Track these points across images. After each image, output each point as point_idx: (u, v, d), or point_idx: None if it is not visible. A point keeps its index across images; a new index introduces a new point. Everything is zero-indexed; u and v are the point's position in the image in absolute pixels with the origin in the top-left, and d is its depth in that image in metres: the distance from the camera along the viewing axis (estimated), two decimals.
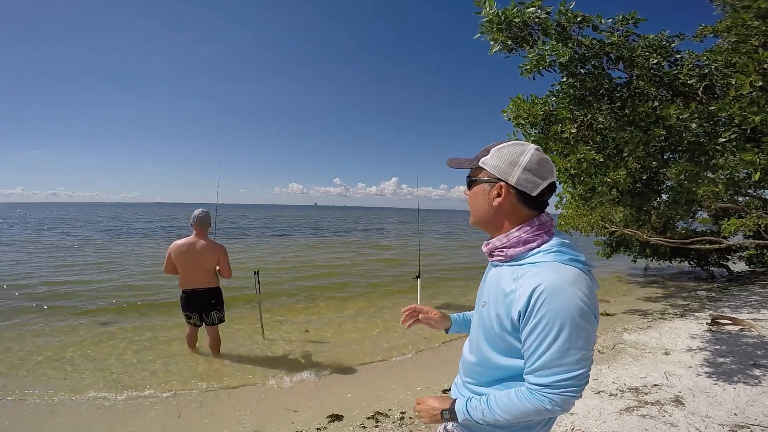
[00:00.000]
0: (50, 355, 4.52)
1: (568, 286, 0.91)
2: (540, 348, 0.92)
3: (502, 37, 3.00)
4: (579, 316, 0.90)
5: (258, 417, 3.23)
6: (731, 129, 2.74)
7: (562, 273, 0.93)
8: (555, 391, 0.92)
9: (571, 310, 0.90)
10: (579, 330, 0.90)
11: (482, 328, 1.08)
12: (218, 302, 4.29)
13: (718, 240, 7.02)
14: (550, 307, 0.90)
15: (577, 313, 0.90)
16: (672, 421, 2.83)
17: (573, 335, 0.90)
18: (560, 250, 0.98)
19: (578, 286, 0.92)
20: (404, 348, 4.93)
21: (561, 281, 0.91)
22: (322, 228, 33.37)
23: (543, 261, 0.97)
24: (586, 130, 3.44)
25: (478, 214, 1.10)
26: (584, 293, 0.92)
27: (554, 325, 0.90)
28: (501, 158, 1.03)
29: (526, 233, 1.01)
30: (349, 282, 9.51)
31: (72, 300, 7.06)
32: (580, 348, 0.91)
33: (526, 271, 0.97)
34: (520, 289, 0.95)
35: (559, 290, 0.90)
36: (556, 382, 0.92)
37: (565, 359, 0.91)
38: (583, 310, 0.90)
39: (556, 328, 0.90)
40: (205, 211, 4.27)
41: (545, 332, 0.91)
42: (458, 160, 1.15)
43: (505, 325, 0.99)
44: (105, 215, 51.51)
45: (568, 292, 0.90)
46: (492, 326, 1.03)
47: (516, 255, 1.02)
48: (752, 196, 5.44)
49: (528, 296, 0.92)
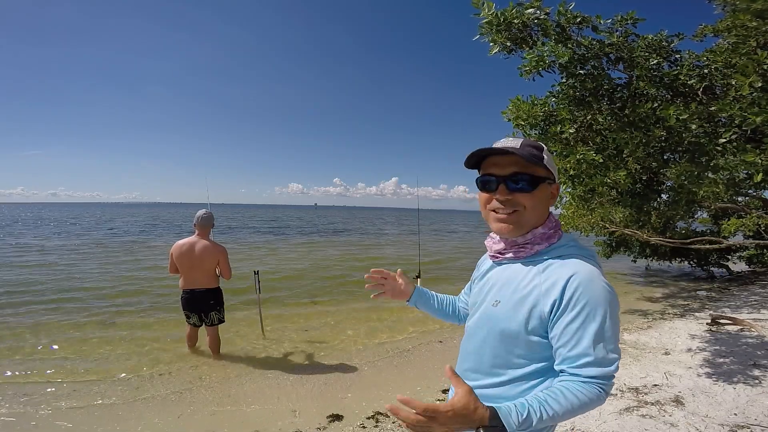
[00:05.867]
0: (50, 354, 4.53)
1: (598, 277, 0.93)
2: (579, 333, 0.89)
3: (502, 38, 2.99)
4: (613, 306, 0.92)
5: (258, 417, 3.23)
6: (731, 130, 2.73)
7: (588, 266, 0.95)
8: (608, 381, 0.91)
9: (609, 297, 0.91)
10: (616, 318, 0.92)
11: (495, 328, 1.02)
12: (218, 303, 4.30)
13: (718, 240, 7.02)
14: (590, 295, 0.90)
15: (612, 302, 0.92)
16: (672, 421, 2.84)
17: (614, 324, 0.91)
18: (577, 245, 1.02)
19: (604, 279, 0.94)
20: (404, 348, 4.93)
21: (592, 272, 0.93)
22: (321, 228, 33.36)
23: (566, 255, 0.99)
24: (585, 130, 3.44)
25: (537, 216, 1.01)
26: (610, 285, 0.94)
27: (594, 310, 0.89)
28: (549, 157, 1.03)
29: (549, 229, 1.03)
30: (348, 282, 9.51)
31: (72, 300, 7.07)
32: (616, 330, 0.93)
33: (552, 264, 0.98)
34: (548, 281, 0.94)
35: (593, 280, 0.92)
36: (612, 371, 0.90)
37: (611, 348, 0.90)
38: (614, 301, 0.93)
39: (596, 313, 0.89)
40: (208, 212, 4.30)
41: (585, 318, 0.89)
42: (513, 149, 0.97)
43: (532, 322, 0.94)
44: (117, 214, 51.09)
45: (601, 282, 0.92)
46: (509, 326, 0.98)
47: (538, 251, 1.02)
48: (752, 196, 5.44)
49: (563, 286, 0.91)
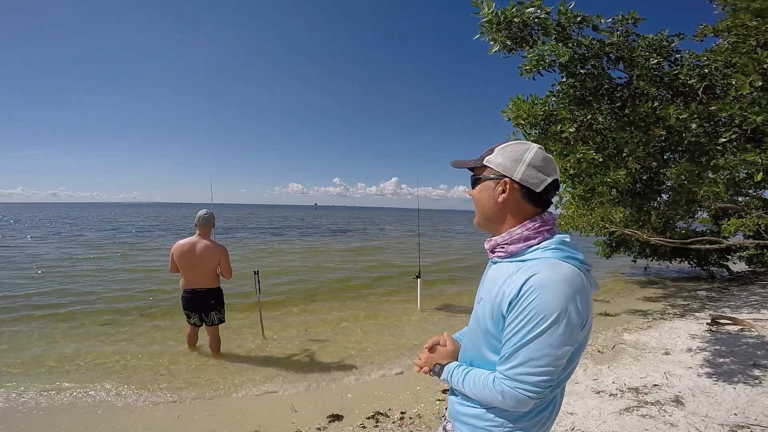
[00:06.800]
0: (49, 355, 4.52)
1: (560, 282, 0.89)
2: (514, 338, 0.91)
3: (502, 37, 2.99)
4: (564, 317, 0.88)
5: (258, 417, 3.23)
6: (732, 129, 2.73)
7: (557, 269, 0.92)
8: (511, 385, 0.92)
9: (557, 308, 0.88)
10: (559, 332, 0.88)
11: (477, 324, 1.07)
12: (218, 302, 4.30)
13: (718, 240, 7.02)
14: (538, 302, 0.88)
15: (562, 313, 0.88)
16: (672, 421, 2.83)
17: (551, 336, 0.88)
18: (558, 247, 0.97)
19: (570, 285, 0.90)
20: (404, 347, 4.93)
21: (554, 277, 0.90)
22: (321, 228, 33.37)
23: (541, 257, 0.96)
24: (586, 130, 3.44)
25: (483, 212, 1.09)
26: (575, 292, 0.90)
27: (535, 320, 0.88)
28: (505, 156, 1.04)
29: (528, 230, 1.00)
30: (348, 282, 9.52)
31: (72, 300, 7.07)
32: (553, 350, 0.89)
33: (523, 266, 0.96)
34: (515, 282, 0.94)
35: (550, 286, 0.89)
36: (517, 376, 0.91)
37: (534, 357, 0.89)
38: (569, 311, 0.88)
39: (536, 323, 0.88)
40: (209, 212, 4.31)
41: (524, 324, 0.90)
42: (462, 161, 1.16)
43: (496, 319, 0.98)
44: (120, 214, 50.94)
45: (559, 289, 0.89)
46: (485, 323, 1.01)
47: (516, 251, 1.01)
48: (752, 196, 5.44)
49: (519, 287, 0.91)
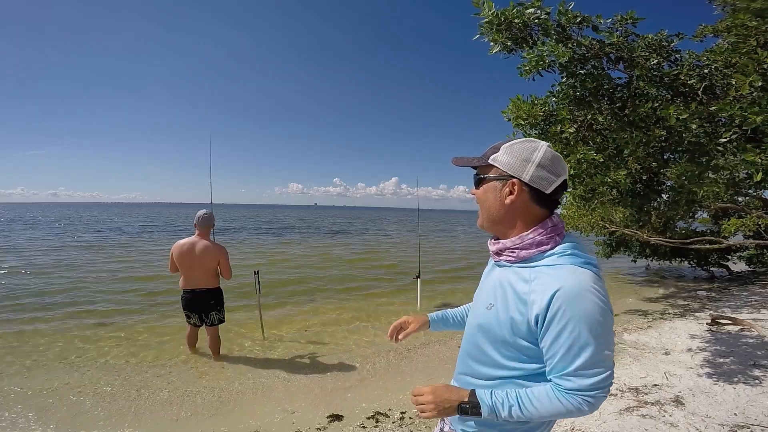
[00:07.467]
0: (49, 355, 4.52)
1: (587, 289, 0.91)
2: (570, 353, 0.91)
3: (502, 38, 2.99)
4: (602, 318, 0.90)
5: (258, 417, 3.23)
6: (732, 129, 2.73)
7: (579, 276, 0.92)
8: (591, 393, 0.93)
9: (594, 312, 0.90)
10: (605, 332, 0.91)
11: (487, 330, 1.05)
12: (218, 303, 4.29)
13: (718, 240, 7.01)
14: (574, 312, 0.89)
15: (600, 315, 0.90)
16: (672, 421, 2.83)
17: (600, 338, 0.90)
18: (574, 252, 0.97)
19: (596, 288, 0.92)
20: (404, 348, 4.93)
21: (580, 285, 0.91)
22: (321, 228, 33.36)
23: (558, 264, 0.95)
24: (586, 130, 3.44)
25: (489, 214, 1.06)
26: (602, 294, 0.92)
27: (582, 330, 0.90)
28: (513, 155, 1.01)
29: (540, 235, 0.99)
30: (348, 282, 9.52)
31: (72, 300, 7.07)
32: (607, 349, 0.92)
33: (541, 274, 0.95)
34: (535, 292, 0.94)
35: (580, 294, 0.90)
36: (593, 384, 0.92)
37: (598, 362, 0.91)
38: (604, 311, 0.91)
39: (585, 333, 0.90)
40: (209, 212, 4.31)
41: (573, 337, 0.90)
42: (465, 158, 1.12)
43: (519, 328, 0.97)
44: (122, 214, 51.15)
45: (589, 296, 0.90)
46: (501, 331, 1.00)
47: (528, 257, 0.99)
48: (752, 196, 5.44)
49: (548, 301, 0.91)
